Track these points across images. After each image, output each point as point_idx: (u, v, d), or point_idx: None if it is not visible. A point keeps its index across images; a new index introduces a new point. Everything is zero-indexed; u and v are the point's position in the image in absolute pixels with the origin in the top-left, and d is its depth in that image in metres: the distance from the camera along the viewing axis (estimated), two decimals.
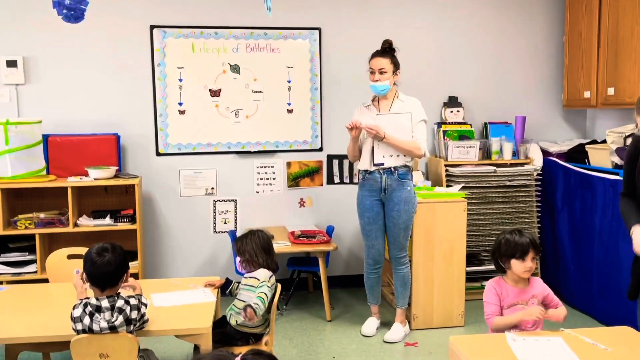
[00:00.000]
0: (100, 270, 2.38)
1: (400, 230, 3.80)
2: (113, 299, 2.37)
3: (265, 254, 3.02)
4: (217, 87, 4.62)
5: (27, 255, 4.11)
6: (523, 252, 2.62)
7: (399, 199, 3.76)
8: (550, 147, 4.92)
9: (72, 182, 4.07)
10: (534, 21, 5.05)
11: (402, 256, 3.88)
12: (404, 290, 3.94)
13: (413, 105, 3.81)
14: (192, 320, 2.58)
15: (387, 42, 3.81)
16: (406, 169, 3.78)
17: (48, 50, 4.37)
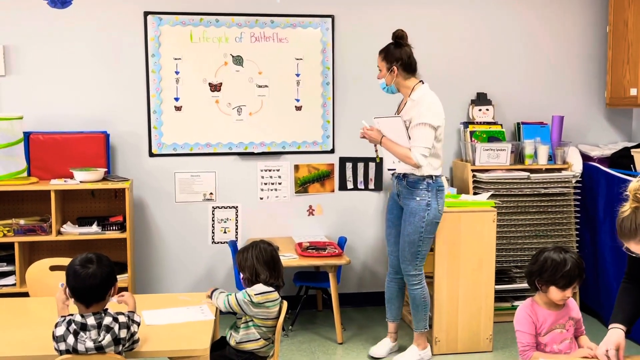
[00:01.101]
0: (84, 284, 2.39)
1: (405, 243, 3.82)
2: (100, 316, 2.38)
3: (269, 269, 3.01)
4: (218, 80, 4.65)
5: (5, 266, 4.15)
6: (568, 283, 2.58)
7: (406, 207, 3.81)
8: (591, 151, 4.90)
9: (56, 185, 4.11)
10: (574, 9, 5.04)
11: (411, 274, 3.85)
12: (416, 313, 3.92)
13: (418, 104, 3.75)
14: (188, 341, 2.59)
15: (393, 34, 3.87)
16: (418, 177, 3.75)
17: (31, 39, 4.42)
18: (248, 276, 3.01)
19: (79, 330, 2.33)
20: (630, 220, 2.12)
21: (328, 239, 4.73)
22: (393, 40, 3.85)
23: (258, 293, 2.90)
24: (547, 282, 2.61)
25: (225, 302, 2.89)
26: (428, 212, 3.75)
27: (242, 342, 2.91)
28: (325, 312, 4.83)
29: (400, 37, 3.83)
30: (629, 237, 2.15)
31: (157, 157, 4.64)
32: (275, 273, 3.03)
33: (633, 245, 2.16)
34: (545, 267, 2.61)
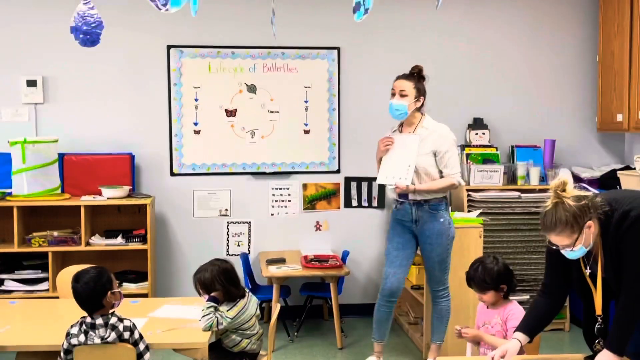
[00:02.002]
0: (77, 298, 2.78)
1: (434, 264, 3.99)
2: (107, 317, 2.76)
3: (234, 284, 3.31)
4: (233, 107, 5.09)
5: (40, 273, 4.61)
6: (469, 285, 3.12)
7: (430, 231, 3.93)
8: (582, 173, 5.18)
9: (86, 201, 4.58)
10: (566, 40, 5.36)
11: (440, 289, 4.06)
12: (440, 324, 4.13)
13: (437, 133, 3.93)
14: (190, 335, 2.99)
15: (416, 67, 4.00)
16: (438, 200, 3.95)
17: (66, 70, 4.93)
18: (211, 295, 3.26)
19: (88, 329, 2.73)
20: (551, 214, 2.37)
21: (334, 252, 5.09)
22: (415, 72, 3.99)
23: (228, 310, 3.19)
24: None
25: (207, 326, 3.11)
26: (450, 229, 4.01)
27: (229, 346, 3.28)
28: (330, 321, 5.17)
29: (420, 72, 4.00)
30: (550, 229, 2.39)
31: (178, 176, 5.08)
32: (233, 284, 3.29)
33: (553, 237, 2.40)
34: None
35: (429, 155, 3.92)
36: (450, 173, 3.93)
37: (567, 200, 2.36)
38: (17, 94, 4.89)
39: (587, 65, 5.37)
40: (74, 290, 2.77)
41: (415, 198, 3.94)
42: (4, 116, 4.90)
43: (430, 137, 3.93)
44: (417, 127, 3.99)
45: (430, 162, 3.92)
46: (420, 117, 4.02)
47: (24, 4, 4.87)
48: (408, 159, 3.89)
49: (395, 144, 3.98)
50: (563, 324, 5.02)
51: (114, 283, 2.81)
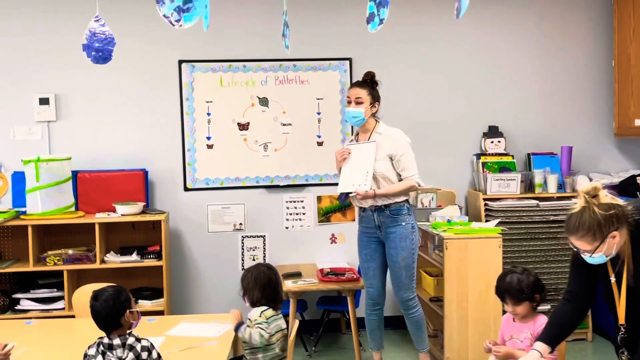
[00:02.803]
0: (95, 317, 2.73)
1: (400, 269, 3.97)
2: (124, 337, 2.71)
3: (261, 291, 3.24)
4: (246, 120, 5.06)
5: (56, 292, 4.58)
6: (501, 298, 3.03)
7: (394, 235, 3.96)
8: (600, 179, 5.09)
9: (100, 219, 4.55)
10: (580, 46, 5.30)
11: (409, 298, 4.02)
12: (419, 334, 4.13)
13: (390, 137, 3.98)
14: (208, 354, 2.94)
15: (368, 73, 4.07)
16: (399, 204, 3.96)
17: (79, 87, 4.92)
18: (242, 293, 3.30)
19: (106, 350, 2.68)
20: (576, 217, 2.34)
21: (349, 265, 5.04)
22: (368, 79, 4.04)
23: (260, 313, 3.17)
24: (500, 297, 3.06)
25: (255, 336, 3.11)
26: (414, 234, 4.01)
27: None
28: (348, 334, 5.12)
29: (372, 78, 4.06)
30: (572, 232, 2.37)
31: (191, 191, 5.05)
32: (270, 296, 3.25)
33: (575, 240, 2.37)
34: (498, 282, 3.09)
35: (385, 160, 3.96)
36: (408, 175, 3.96)
37: (595, 207, 2.31)
38: (29, 112, 4.88)
39: (602, 71, 5.30)
40: (93, 309, 2.72)
41: (376, 204, 3.95)
42: (17, 134, 4.89)
43: (384, 141, 3.98)
44: (372, 133, 4.04)
45: (387, 167, 3.96)
46: (375, 123, 4.08)
47: (35, 23, 4.88)
48: (366, 166, 3.94)
49: (352, 153, 4.05)
50: (585, 333, 4.92)
51: (132, 302, 2.77)
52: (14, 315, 4.46)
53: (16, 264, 4.61)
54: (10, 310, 4.52)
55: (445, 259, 4.25)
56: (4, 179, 4.86)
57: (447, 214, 4.74)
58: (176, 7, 2.18)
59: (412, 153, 4.01)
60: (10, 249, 4.78)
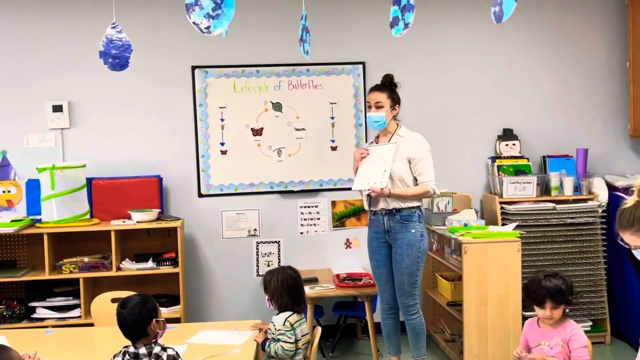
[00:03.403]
0: (121, 326, 2.70)
1: (404, 276, 3.95)
2: (150, 346, 2.69)
3: (289, 294, 3.25)
4: (259, 125, 5.04)
5: (72, 300, 4.56)
6: (539, 301, 2.95)
7: (401, 241, 3.93)
8: (616, 182, 5.06)
9: (116, 226, 4.53)
10: (595, 47, 5.27)
11: (410, 305, 4.00)
12: (417, 341, 4.09)
13: (411, 140, 3.99)
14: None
15: (387, 76, 4.07)
16: (411, 210, 3.94)
17: (92, 94, 4.91)
18: (270, 298, 3.28)
19: (132, 359, 2.66)
20: (630, 212, 2.24)
21: (365, 270, 5.01)
22: (386, 82, 4.05)
23: (284, 321, 3.16)
24: (529, 300, 3.02)
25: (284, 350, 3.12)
26: (422, 242, 3.97)
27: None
28: (364, 339, 5.09)
29: (391, 80, 4.06)
30: (625, 227, 2.26)
31: (206, 197, 5.03)
32: (296, 299, 3.27)
33: (627, 236, 2.27)
34: (526, 288, 3.05)
35: (404, 162, 3.95)
36: (424, 180, 3.94)
37: None
38: (43, 120, 4.87)
39: (616, 72, 5.27)
40: (120, 316, 2.69)
41: (388, 207, 3.92)
42: (31, 142, 4.88)
43: (405, 144, 3.97)
44: (393, 136, 4.04)
45: (405, 169, 3.94)
46: (396, 126, 4.08)
47: (48, 30, 4.86)
48: (384, 165, 3.92)
49: (371, 153, 4.05)
50: (604, 337, 4.89)
51: (159, 311, 2.74)
52: (31, 323, 4.44)
53: (32, 272, 4.58)
54: (26, 318, 4.50)
55: (464, 264, 4.22)
56: (17, 187, 4.84)
57: (463, 218, 4.71)
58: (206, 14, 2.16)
59: (431, 159, 4.00)
60: (25, 257, 4.76)
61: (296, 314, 3.22)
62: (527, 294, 3.04)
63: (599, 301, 4.88)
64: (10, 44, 4.84)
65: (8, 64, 4.84)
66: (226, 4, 2.15)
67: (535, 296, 3.00)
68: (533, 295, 3.01)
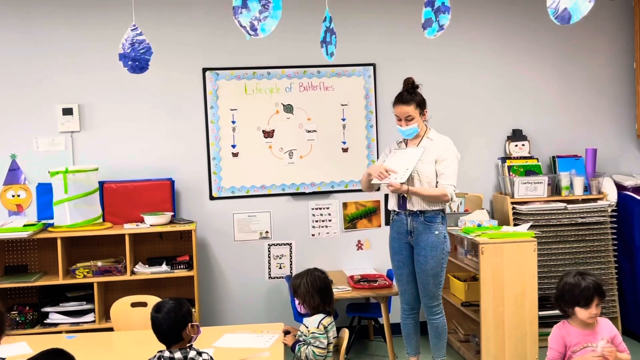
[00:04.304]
0: (156, 330, 2.68)
1: (428, 277, 3.94)
2: (185, 351, 2.67)
3: (321, 296, 3.26)
4: (271, 127, 5.02)
5: (85, 305, 4.51)
6: (587, 300, 2.85)
7: (425, 243, 3.92)
8: (625, 181, 5.11)
9: (130, 230, 4.49)
10: (601, 47, 5.31)
11: (434, 305, 4.00)
12: (438, 342, 4.09)
13: (440, 143, 3.97)
14: None
15: (408, 82, 3.99)
16: (435, 212, 3.93)
17: (102, 97, 4.86)
18: (301, 301, 3.27)
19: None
20: None
21: (377, 271, 5.01)
22: (409, 87, 3.97)
23: (317, 325, 3.16)
24: (570, 303, 2.89)
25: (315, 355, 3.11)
26: (445, 243, 3.96)
27: None
28: (376, 341, 5.09)
29: (413, 85, 3.98)
30: None
31: (217, 199, 5.00)
32: (327, 300, 3.28)
33: None
34: (564, 291, 2.92)
35: (432, 164, 3.93)
36: (444, 183, 3.91)
37: None
38: (53, 123, 4.82)
39: (623, 73, 5.32)
40: (155, 321, 2.67)
41: (412, 209, 3.92)
42: (41, 146, 4.82)
43: (434, 146, 3.97)
44: (422, 139, 4.03)
45: (433, 171, 3.93)
46: (426, 129, 4.07)
47: (56, 33, 4.81)
48: (407, 164, 3.90)
49: (398, 154, 4.04)
50: None
51: (193, 315, 2.72)
52: (44, 329, 4.38)
53: (44, 277, 4.53)
54: (40, 324, 4.44)
55: (482, 264, 4.23)
56: (27, 191, 4.79)
57: (476, 219, 4.72)
58: (253, 17, 2.14)
59: (456, 166, 3.97)
60: (36, 262, 4.70)
61: (328, 317, 3.21)
62: (571, 297, 2.90)
63: (609, 300, 4.91)
64: (19, 47, 4.78)
65: (17, 67, 4.78)
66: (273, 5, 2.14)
67: (582, 297, 2.87)
68: (579, 297, 2.88)
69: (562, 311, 2.98)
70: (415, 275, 4.04)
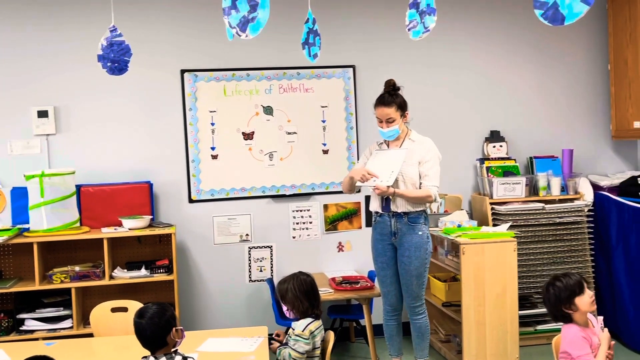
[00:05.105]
0: (140, 336, 2.64)
1: (412, 278, 3.95)
2: (170, 356, 2.64)
3: (309, 299, 3.25)
4: (250, 129, 4.99)
5: (62, 310, 4.42)
6: (580, 286, 2.90)
7: (409, 244, 3.93)
8: (600, 181, 5.19)
9: (108, 234, 4.42)
10: (577, 50, 5.39)
11: (417, 305, 4.01)
12: (421, 342, 4.10)
13: (423, 145, 3.99)
14: None
15: (389, 84, 3.99)
16: (418, 213, 3.95)
17: (78, 99, 4.78)
18: (290, 307, 3.25)
19: None
20: None
21: (358, 273, 5.01)
22: (390, 89, 3.97)
23: (304, 328, 3.14)
24: (569, 298, 2.89)
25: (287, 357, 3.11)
26: (428, 243, 3.99)
27: None
28: (357, 342, 5.09)
29: (394, 86, 3.99)
30: None
31: (197, 202, 4.95)
32: (315, 303, 3.27)
33: None
34: (558, 293, 2.93)
35: (416, 166, 3.95)
36: (428, 184, 3.93)
37: None
38: (28, 126, 4.73)
39: (598, 74, 5.40)
40: (138, 327, 2.63)
41: (397, 210, 3.93)
42: (15, 149, 4.73)
43: (417, 148, 3.98)
44: (404, 141, 4.04)
45: (417, 172, 3.95)
46: (407, 131, 4.08)
47: (31, 34, 4.72)
48: (392, 166, 3.91)
49: (380, 156, 4.03)
50: None
51: (177, 320, 2.69)
52: (20, 336, 4.29)
53: (20, 283, 4.44)
54: (15, 331, 4.35)
55: (463, 264, 4.26)
56: (1, 195, 4.69)
57: (456, 219, 4.75)
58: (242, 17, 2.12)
59: (438, 167, 3.99)
60: (11, 268, 4.60)
61: (316, 321, 3.19)
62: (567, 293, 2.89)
63: None
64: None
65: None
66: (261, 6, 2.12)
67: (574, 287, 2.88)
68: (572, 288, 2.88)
69: (562, 318, 2.95)
70: (399, 277, 4.05)
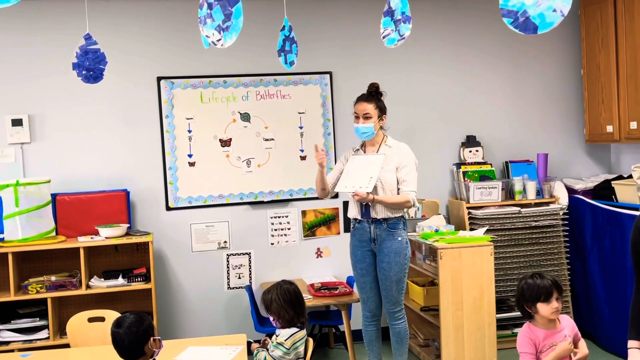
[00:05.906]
0: (117, 346, 2.62)
1: (392, 283, 3.97)
2: None
3: (294, 308, 3.24)
4: (228, 136, 4.99)
5: (38, 321, 4.38)
6: (547, 294, 2.93)
7: (389, 250, 3.94)
8: (575, 184, 5.27)
9: (84, 243, 4.39)
10: (550, 55, 5.47)
11: (396, 310, 4.03)
12: (400, 347, 4.13)
13: (399, 150, 4.02)
14: None
15: (373, 85, 4.06)
16: (397, 219, 3.97)
17: (53, 107, 4.75)
18: (276, 317, 3.25)
19: None
20: None
21: (337, 279, 5.02)
22: (372, 91, 4.03)
23: (287, 338, 3.14)
24: (532, 300, 2.96)
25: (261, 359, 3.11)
26: (407, 249, 4.02)
27: None
28: (337, 348, 5.10)
29: (377, 89, 4.05)
30: None
31: (174, 210, 4.94)
32: (300, 311, 3.26)
33: None
34: (524, 290, 2.99)
35: (393, 172, 3.97)
36: (406, 190, 3.96)
37: None
38: (2, 134, 4.68)
39: (572, 79, 5.49)
40: (115, 337, 2.61)
41: (377, 216, 3.95)
42: None
43: (393, 154, 4.01)
44: (380, 146, 4.06)
45: (395, 178, 3.97)
46: (383, 136, 4.11)
47: (6, 42, 4.68)
48: (371, 172, 3.92)
49: (359, 162, 4.05)
50: None
51: (155, 329, 2.68)
52: None
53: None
54: None
55: (440, 269, 4.30)
56: None
57: (433, 224, 4.80)
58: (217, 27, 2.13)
59: (415, 172, 4.02)
60: None
61: (301, 331, 3.19)
62: (531, 294, 2.96)
63: (563, 301, 5.03)
64: None
65: None
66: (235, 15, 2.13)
67: (541, 292, 2.93)
68: (538, 292, 2.93)
69: (523, 313, 3.03)
70: (378, 282, 4.07)
